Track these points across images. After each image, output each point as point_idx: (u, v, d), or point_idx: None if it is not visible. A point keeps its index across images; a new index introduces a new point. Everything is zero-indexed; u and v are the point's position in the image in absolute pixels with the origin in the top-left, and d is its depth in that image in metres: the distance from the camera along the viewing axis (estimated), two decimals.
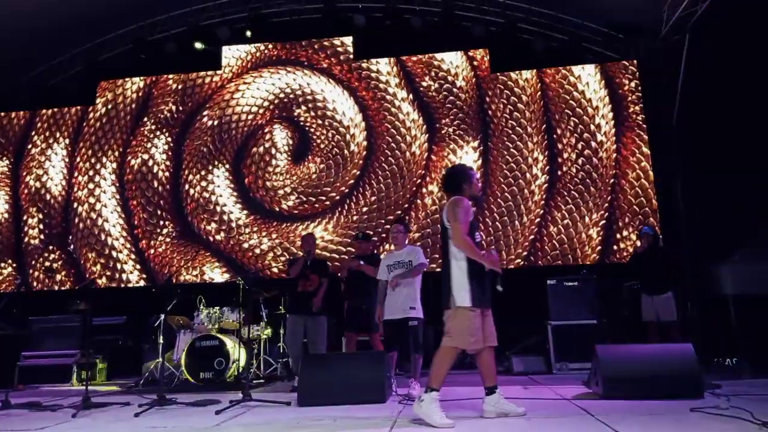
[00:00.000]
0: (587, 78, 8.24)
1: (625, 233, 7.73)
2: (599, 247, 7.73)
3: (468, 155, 8.23)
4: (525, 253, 7.85)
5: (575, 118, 8.16)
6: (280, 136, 8.67)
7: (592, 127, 8.10)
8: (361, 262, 5.44)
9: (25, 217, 8.97)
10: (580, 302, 6.22)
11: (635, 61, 8.17)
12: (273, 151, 8.65)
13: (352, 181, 8.40)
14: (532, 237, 7.90)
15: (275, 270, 7.97)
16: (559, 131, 8.16)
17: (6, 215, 9.05)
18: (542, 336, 6.34)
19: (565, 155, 8.07)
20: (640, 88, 8.07)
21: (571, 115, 8.17)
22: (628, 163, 7.94)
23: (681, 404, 3.59)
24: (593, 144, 8.04)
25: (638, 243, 6.21)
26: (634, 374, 3.96)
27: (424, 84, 8.53)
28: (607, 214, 7.81)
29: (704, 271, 6.55)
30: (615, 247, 7.73)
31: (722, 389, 4.02)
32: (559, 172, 8.01)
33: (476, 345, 3.50)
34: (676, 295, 5.70)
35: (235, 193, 8.62)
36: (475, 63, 8.51)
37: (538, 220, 7.94)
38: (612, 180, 7.91)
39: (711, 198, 6.87)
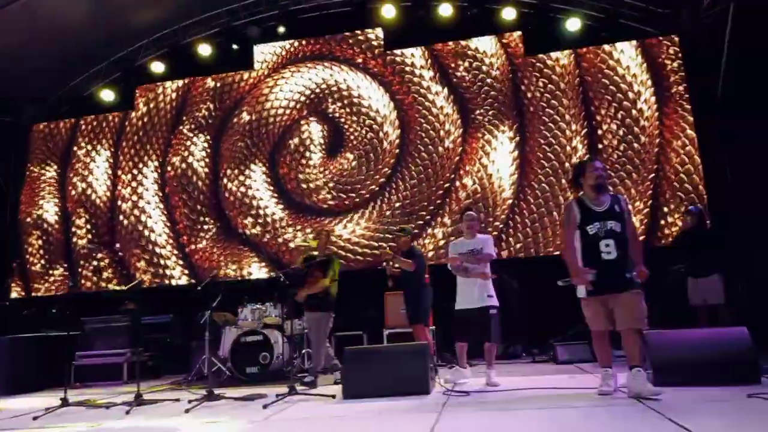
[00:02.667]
0: (627, 59, 7.97)
1: (670, 219, 7.48)
2: (644, 233, 7.51)
3: (503, 145, 8.10)
4: (558, 250, 7.69)
5: (615, 102, 7.90)
6: (314, 131, 8.73)
7: (634, 111, 7.83)
8: (395, 265, 5.52)
9: (73, 219, 9.31)
10: None
11: (676, 38, 7.85)
12: (307, 146, 8.71)
13: (385, 176, 8.38)
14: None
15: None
16: (599, 117, 7.93)
17: (56, 219, 9.41)
18: (586, 323, 6.20)
19: (606, 141, 7.85)
20: (683, 67, 7.76)
21: (611, 100, 7.92)
22: (672, 147, 7.66)
23: (736, 390, 3.46)
24: (635, 128, 7.78)
25: (685, 222, 6.01)
26: (685, 360, 3.84)
27: (458, 74, 8.42)
28: (650, 200, 7.57)
29: (754, 252, 6.30)
30: (659, 233, 7.49)
31: None
32: (600, 158, 7.80)
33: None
34: (723, 277, 5.49)
35: (271, 188, 8.73)
36: (510, 49, 8.35)
37: None
38: (655, 165, 7.65)
39: (761, 177, 6.58)
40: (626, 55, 7.98)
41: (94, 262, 9.01)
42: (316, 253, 5.69)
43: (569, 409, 3.46)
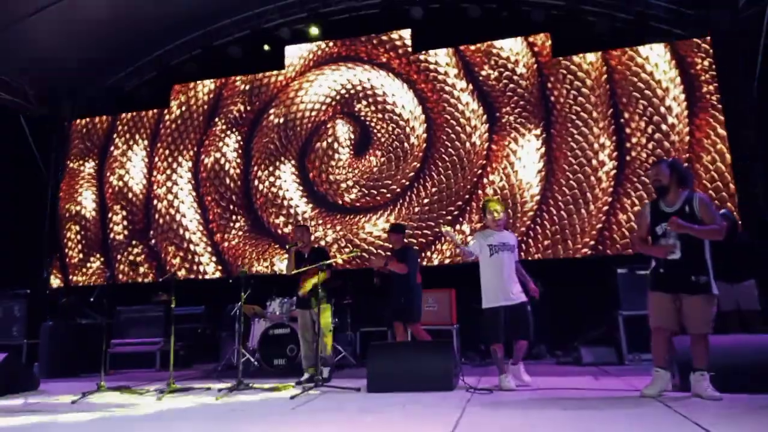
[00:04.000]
0: (656, 58, 7.87)
1: None
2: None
3: (530, 143, 8.10)
4: (592, 242, 7.65)
5: (644, 100, 7.82)
6: (342, 130, 8.87)
7: (663, 109, 7.74)
8: (387, 264, 5.46)
9: (110, 215, 9.66)
10: None
11: (708, 38, 7.72)
12: (335, 145, 8.86)
13: (412, 174, 8.46)
14: (600, 226, 7.68)
15: (339, 261, 8.18)
16: (626, 115, 7.86)
17: (94, 212, 9.77)
18: (611, 326, 6.18)
19: (634, 140, 7.77)
20: (714, 66, 7.62)
21: (639, 98, 7.84)
22: (702, 146, 7.54)
23: (763, 398, 3.45)
24: (664, 127, 7.69)
25: None
26: (715, 365, 3.77)
27: (484, 73, 8.44)
28: None
29: None
30: None
31: None
32: (628, 158, 7.72)
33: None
34: (758, 282, 5.41)
35: (300, 188, 8.91)
36: (536, 48, 8.32)
37: (606, 207, 7.70)
38: (685, 164, 7.54)
39: None
40: (655, 53, 7.88)
41: (131, 257, 9.34)
42: (298, 246, 5.67)
43: (592, 410, 3.49)
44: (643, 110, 7.79)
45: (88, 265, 9.58)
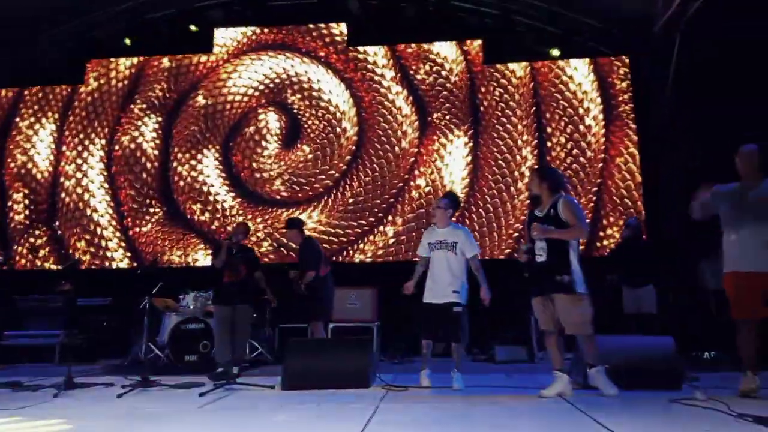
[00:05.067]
0: (579, 77, 8.31)
1: (609, 231, 7.84)
2: (583, 244, 7.83)
3: (458, 149, 8.28)
4: (508, 249, 7.93)
5: (566, 117, 8.22)
6: (272, 120, 8.65)
7: (582, 127, 8.17)
8: (300, 282, 5.49)
9: (10, 193, 8.85)
10: None
11: (626, 60, 8.24)
12: (264, 133, 8.62)
13: (340, 172, 8.40)
14: (516, 234, 7.98)
15: (258, 254, 7.97)
16: (549, 130, 8.23)
17: None
18: (524, 326, 6.45)
19: (554, 153, 8.15)
20: (631, 87, 8.15)
21: (562, 115, 8.23)
22: (615, 164, 8.03)
23: (660, 395, 3.69)
24: (582, 144, 8.12)
25: (622, 234, 6.35)
26: (615, 365, 4.00)
27: (419, 76, 8.54)
28: (592, 213, 7.91)
29: (686, 266, 6.68)
30: (598, 244, 7.84)
31: (700, 382, 4.12)
32: None
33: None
34: (656, 288, 5.83)
35: (223, 175, 8.60)
36: (470, 57, 8.53)
37: (523, 217, 8.00)
38: (599, 179, 8.00)
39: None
40: (579, 72, 8.32)
41: (31, 239, 8.61)
42: (233, 242, 5.62)
43: (500, 407, 3.60)
44: (564, 127, 8.19)
45: None
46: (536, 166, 7.57)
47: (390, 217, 8.19)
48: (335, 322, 6.76)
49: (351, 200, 8.30)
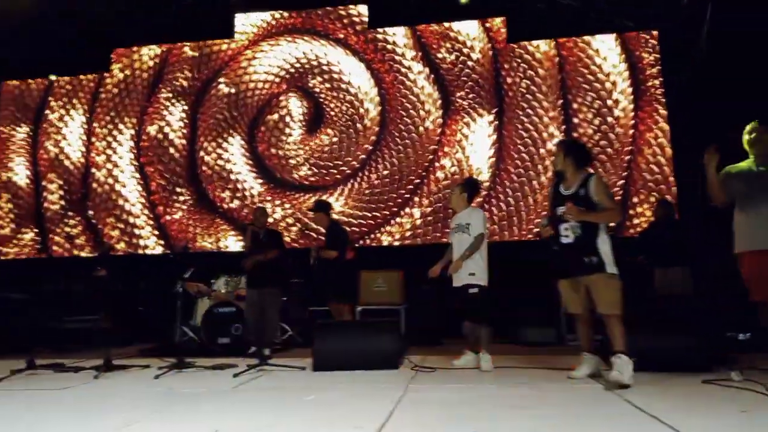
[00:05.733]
0: (606, 51, 8.09)
1: (639, 209, 7.68)
2: (613, 223, 7.70)
3: (482, 129, 8.18)
4: (537, 229, 7.85)
5: (593, 92, 8.03)
6: (295, 106, 8.67)
7: (610, 102, 7.98)
8: (316, 255, 5.56)
9: (44, 183, 9.12)
10: None
11: (655, 33, 7.99)
12: (287, 119, 8.66)
13: (365, 154, 8.40)
14: (544, 213, 7.87)
15: (287, 239, 8.08)
16: (575, 106, 8.06)
17: (27, 181, 9.20)
18: (552, 308, 6.39)
19: (581, 130, 7.99)
20: (660, 60, 7.91)
21: (588, 90, 8.05)
22: (644, 139, 7.84)
23: (692, 376, 3.63)
24: (610, 119, 7.93)
25: (654, 213, 6.22)
26: (646, 346, 3.93)
27: (440, 56, 8.43)
28: (622, 191, 7.76)
29: (721, 244, 6.51)
30: (628, 223, 7.70)
31: (735, 363, 4.04)
32: None
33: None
34: (690, 268, 5.70)
35: (249, 162, 8.68)
36: (492, 34, 8.38)
37: None
38: (628, 156, 7.83)
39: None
40: (605, 46, 8.09)
41: (66, 228, 8.87)
42: (255, 227, 5.83)
43: (527, 388, 3.60)
44: (591, 102, 8.00)
45: (20, 237, 9.04)
46: (561, 140, 7.39)
47: (416, 199, 8.17)
48: (363, 305, 6.84)
49: (377, 182, 8.31)
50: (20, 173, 9.23)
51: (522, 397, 3.29)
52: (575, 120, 8.01)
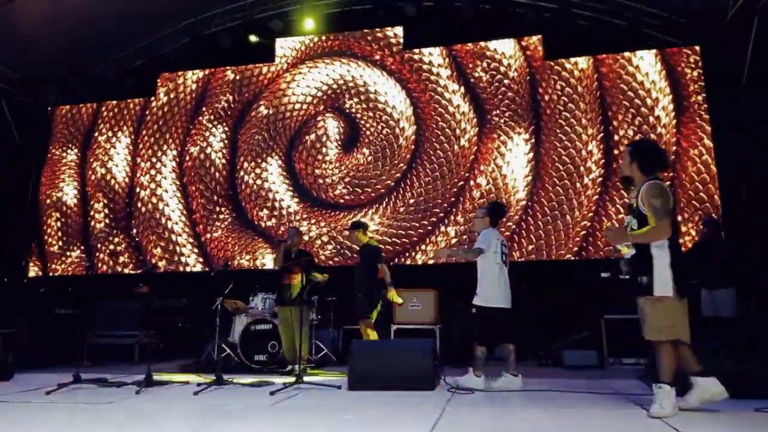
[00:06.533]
0: (646, 66, 7.94)
1: (683, 228, 7.44)
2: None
3: (518, 147, 8.12)
4: (575, 248, 7.69)
5: (633, 109, 7.88)
6: (331, 126, 8.82)
7: (651, 119, 7.81)
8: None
9: (92, 202, 9.50)
10: None
11: (698, 48, 7.81)
12: (324, 139, 8.80)
13: (400, 173, 8.44)
14: (584, 232, 7.71)
15: (322, 257, 8.15)
16: (615, 123, 7.91)
17: (75, 200, 9.61)
18: (594, 330, 6.22)
19: (622, 148, 7.82)
20: (702, 76, 7.71)
21: (629, 107, 7.90)
22: (688, 156, 7.62)
23: (743, 403, 3.47)
24: (652, 136, 7.75)
25: (700, 233, 6.00)
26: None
27: (476, 74, 8.45)
28: None
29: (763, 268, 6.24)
30: None
31: None
32: (615, 165, 7.77)
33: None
34: (737, 290, 5.47)
35: (286, 182, 8.84)
36: (528, 51, 8.35)
37: (591, 214, 7.75)
38: (671, 173, 7.62)
39: None
40: (646, 62, 7.95)
41: (111, 246, 9.19)
42: (288, 244, 5.97)
43: (570, 411, 3.49)
44: (632, 119, 7.85)
45: (68, 254, 9.41)
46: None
47: (452, 217, 8.14)
48: (397, 324, 6.80)
49: (412, 201, 8.32)
50: (69, 193, 9.65)
51: (565, 420, 3.19)
52: (615, 137, 7.86)
